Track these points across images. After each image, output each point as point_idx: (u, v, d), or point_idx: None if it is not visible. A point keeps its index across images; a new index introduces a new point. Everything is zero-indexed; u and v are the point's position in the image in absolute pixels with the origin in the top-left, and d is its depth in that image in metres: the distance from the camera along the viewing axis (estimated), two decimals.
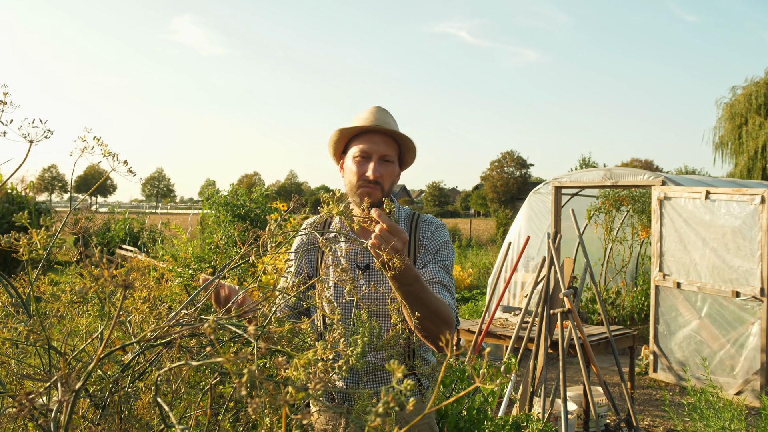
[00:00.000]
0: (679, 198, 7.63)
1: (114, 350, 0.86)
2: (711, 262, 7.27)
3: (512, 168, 61.48)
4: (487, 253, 19.78)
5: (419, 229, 2.32)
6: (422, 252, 2.27)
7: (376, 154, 2.23)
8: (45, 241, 0.92)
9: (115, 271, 1.04)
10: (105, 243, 11.89)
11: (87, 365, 1.04)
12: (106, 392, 1.10)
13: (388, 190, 2.26)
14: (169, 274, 3.91)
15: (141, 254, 8.77)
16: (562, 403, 5.07)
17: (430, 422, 2.32)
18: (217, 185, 11.07)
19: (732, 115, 27.16)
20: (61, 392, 0.82)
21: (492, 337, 6.75)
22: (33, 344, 0.98)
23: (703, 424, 4.59)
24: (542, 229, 9.43)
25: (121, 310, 0.92)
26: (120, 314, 0.77)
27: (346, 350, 1.02)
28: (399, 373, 0.75)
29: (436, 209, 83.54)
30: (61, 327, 1.12)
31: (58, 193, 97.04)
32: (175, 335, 1.09)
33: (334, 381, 2.21)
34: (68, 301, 1.01)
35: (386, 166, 2.24)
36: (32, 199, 10.87)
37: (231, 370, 0.66)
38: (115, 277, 0.79)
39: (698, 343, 7.39)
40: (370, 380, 2.23)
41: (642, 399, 7.16)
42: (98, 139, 1.04)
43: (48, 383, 0.93)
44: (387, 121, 2.27)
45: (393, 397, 0.77)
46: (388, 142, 2.26)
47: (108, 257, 0.84)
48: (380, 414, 0.74)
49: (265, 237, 1.21)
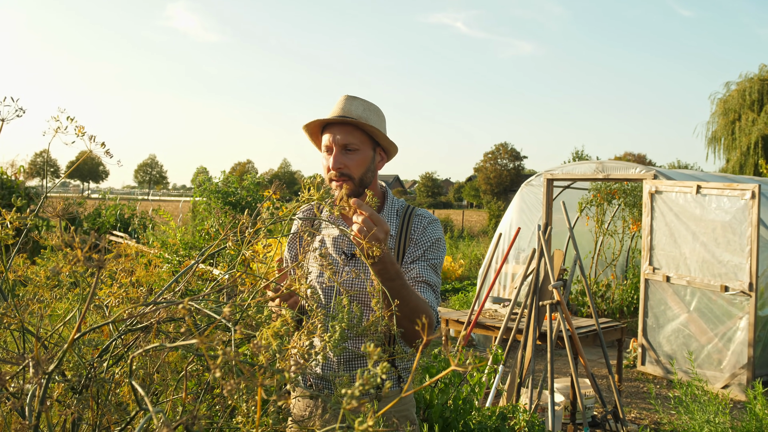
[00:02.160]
0: (670, 192, 7.64)
1: (86, 332, 0.85)
2: (701, 257, 7.30)
3: (506, 160, 61.53)
4: (479, 244, 19.81)
5: (412, 222, 2.29)
6: (412, 246, 2.25)
7: (336, 145, 2.19)
8: (17, 223, 0.91)
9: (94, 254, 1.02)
10: (95, 228, 11.83)
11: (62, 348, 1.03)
12: (83, 377, 1.09)
13: (361, 178, 2.21)
14: (157, 261, 3.89)
15: (131, 240, 8.74)
16: (550, 395, 5.09)
17: (408, 413, 2.30)
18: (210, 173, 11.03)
19: (725, 111, 27.21)
20: (32, 374, 0.81)
21: (481, 328, 6.76)
22: (7, 327, 0.96)
23: (689, 417, 4.62)
24: (534, 221, 9.44)
25: (95, 293, 0.91)
26: (93, 296, 0.76)
27: (323, 336, 1.01)
28: (375, 356, 0.74)
29: (429, 200, 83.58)
30: (37, 310, 1.11)
31: (50, 178, 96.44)
32: (153, 320, 1.07)
33: (312, 367, 2.21)
34: (43, 283, 1.00)
35: (350, 156, 2.19)
36: (22, 183, 10.80)
37: (205, 353, 0.65)
38: (89, 258, 0.78)
39: (686, 337, 7.43)
40: (347, 368, 2.22)
41: (630, 391, 7.19)
42: (72, 119, 1.02)
43: (21, 366, 0.91)
44: (350, 110, 2.22)
45: (368, 379, 0.76)
46: (349, 130, 2.20)
47: (86, 238, 0.82)
48: (356, 397, 0.73)
49: (244, 222, 1.20)
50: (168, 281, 1.34)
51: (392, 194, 2.42)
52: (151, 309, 1.06)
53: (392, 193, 2.45)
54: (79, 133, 1.18)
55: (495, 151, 62.12)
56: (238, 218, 1.32)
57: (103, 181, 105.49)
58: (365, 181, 2.23)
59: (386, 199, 2.35)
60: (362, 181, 2.21)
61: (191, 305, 0.86)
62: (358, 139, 2.20)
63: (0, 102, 0.97)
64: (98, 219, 12.27)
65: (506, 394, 5.56)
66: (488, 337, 8.55)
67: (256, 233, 1.16)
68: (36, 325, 0.99)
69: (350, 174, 2.18)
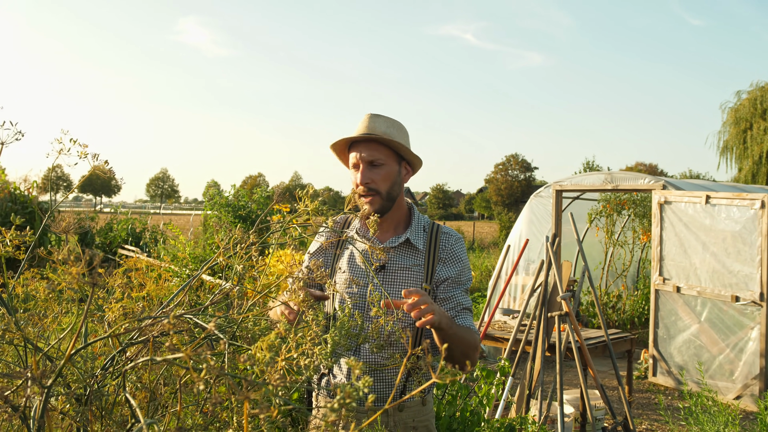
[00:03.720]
0: (679, 202, 7.62)
1: (82, 348, 0.88)
2: (711, 267, 7.27)
3: (516, 171, 61.50)
4: (489, 255, 19.78)
5: (439, 239, 2.39)
6: (442, 265, 2.36)
7: (362, 162, 2.29)
8: (17, 241, 0.94)
9: (101, 269, 1.05)
10: (107, 243, 11.92)
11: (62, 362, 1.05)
12: (86, 389, 1.12)
13: (388, 192, 2.31)
14: (166, 274, 3.93)
15: (142, 254, 8.80)
16: (559, 406, 5.08)
17: (429, 424, 2.36)
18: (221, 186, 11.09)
19: (737, 120, 27.09)
20: (31, 388, 0.83)
21: (490, 339, 6.76)
22: (9, 342, 0.99)
23: (698, 428, 4.59)
24: (543, 232, 9.43)
25: (91, 309, 0.94)
26: (88, 312, 0.79)
27: (313, 349, 1.04)
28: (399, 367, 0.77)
29: (440, 212, 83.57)
30: (42, 324, 1.14)
31: (63, 192, 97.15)
32: (150, 334, 1.10)
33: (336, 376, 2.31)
34: (43, 298, 1.03)
35: (376, 171, 2.29)
36: (35, 198, 10.90)
37: (190, 366, 0.67)
38: (84, 275, 0.81)
39: (698, 348, 7.38)
40: (372, 377, 2.28)
41: (641, 403, 7.16)
42: (75, 140, 1.05)
43: (21, 380, 0.94)
44: (375, 127, 2.32)
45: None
46: (374, 146, 2.31)
47: (78, 254, 0.85)
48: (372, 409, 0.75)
49: (243, 238, 1.23)
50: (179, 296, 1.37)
51: (417, 210, 2.51)
52: (149, 323, 1.09)
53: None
54: (81, 155, 1.21)
55: (506, 163, 62.12)
56: (238, 234, 1.35)
57: (115, 195, 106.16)
58: (392, 194, 2.33)
59: (413, 215, 2.45)
60: (389, 195, 2.32)
61: (183, 318, 0.89)
62: (383, 155, 2.30)
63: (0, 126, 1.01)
64: (110, 233, 12.35)
65: (516, 405, 5.55)
66: (498, 349, 8.53)
67: (261, 248, 1.18)
68: (38, 339, 1.02)
69: (377, 189, 2.28)
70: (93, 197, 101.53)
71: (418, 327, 1.92)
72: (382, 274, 2.32)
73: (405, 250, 2.36)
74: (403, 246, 2.36)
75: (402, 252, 2.36)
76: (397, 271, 2.33)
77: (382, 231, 2.40)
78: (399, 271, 2.33)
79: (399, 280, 2.32)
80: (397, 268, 2.33)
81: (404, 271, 2.33)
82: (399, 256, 2.35)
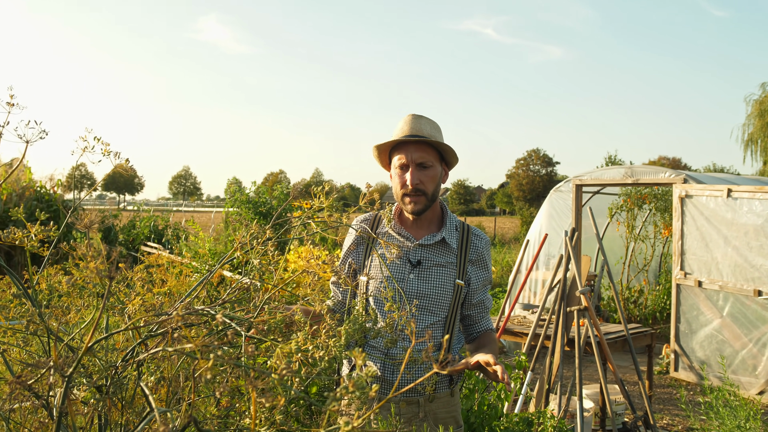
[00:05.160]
0: (700, 196, 7.57)
1: (102, 338, 0.92)
2: (733, 261, 7.21)
3: (538, 166, 61.24)
4: (510, 251, 19.73)
5: (470, 240, 2.50)
6: (473, 266, 2.47)
7: (412, 164, 2.37)
8: (42, 235, 0.98)
9: (121, 264, 1.09)
10: (130, 240, 12.08)
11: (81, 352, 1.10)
12: (107, 379, 1.16)
13: (433, 193, 2.41)
14: (187, 270, 4.01)
15: (164, 251, 8.92)
16: (578, 401, 5.08)
17: (456, 415, 2.46)
18: (243, 183, 11.21)
19: (762, 112, 26.76)
20: (53, 377, 0.88)
21: (509, 334, 6.76)
22: (33, 333, 1.04)
23: (719, 422, 4.57)
24: (563, 227, 9.40)
25: (112, 302, 0.98)
26: (105, 304, 0.83)
27: (328, 342, 1.07)
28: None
29: (461, 207, 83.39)
30: (65, 317, 1.18)
31: (87, 190, 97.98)
32: (170, 326, 1.14)
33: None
34: (65, 291, 1.07)
35: (425, 172, 2.38)
36: (60, 197, 11.07)
37: (199, 356, 0.71)
38: (102, 270, 0.84)
39: (720, 343, 7.33)
40: (407, 370, 2.36)
41: (662, 398, 7.13)
42: (98, 138, 1.09)
43: (44, 369, 0.99)
44: (420, 128, 2.40)
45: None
46: (424, 148, 2.39)
47: (97, 249, 0.89)
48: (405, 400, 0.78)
49: (267, 234, 1.26)
50: (196, 289, 1.41)
51: (448, 209, 2.60)
52: (167, 316, 1.13)
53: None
54: (105, 152, 1.26)
55: (527, 158, 61.87)
56: (254, 229, 1.39)
57: (138, 193, 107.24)
58: (435, 195, 2.44)
59: (446, 214, 2.55)
60: (433, 195, 2.42)
61: (199, 312, 0.92)
62: (431, 157, 2.40)
63: (26, 125, 1.05)
64: (133, 230, 12.51)
65: (535, 400, 5.56)
66: (518, 344, 8.53)
67: (278, 243, 1.22)
68: (59, 331, 1.06)
69: (425, 190, 2.38)
70: (116, 195, 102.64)
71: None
72: (417, 269, 2.41)
73: (439, 248, 2.45)
74: (438, 244, 2.45)
75: (436, 250, 2.45)
76: (432, 267, 2.42)
77: (417, 228, 2.49)
78: (434, 267, 2.42)
79: (433, 277, 2.40)
80: (432, 264, 2.42)
81: (438, 268, 2.42)
82: (433, 254, 2.44)
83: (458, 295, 2.41)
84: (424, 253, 2.42)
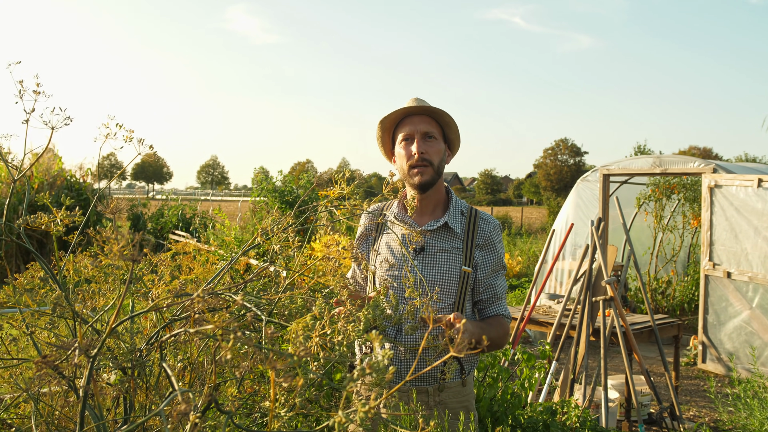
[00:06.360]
0: (730, 186, 7.45)
1: (126, 319, 0.94)
2: (763, 252, 7.10)
3: (566, 156, 60.71)
4: (537, 241, 19.63)
5: (477, 225, 2.45)
6: (480, 251, 2.42)
7: (417, 134, 2.37)
8: (67, 220, 1.01)
9: (145, 249, 1.11)
10: (158, 228, 12.23)
11: (112, 334, 1.12)
12: (131, 362, 1.19)
13: (438, 167, 2.39)
14: (213, 258, 4.06)
15: (192, 239, 9.02)
16: (603, 391, 5.06)
17: (469, 404, 2.42)
18: (270, 173, 11.29)
19: None
20: (79, 357, 0.90)
21: (534, 324, 6.74)
22: (60, 315, 1.06)
23: (747, 414, 4.53)
24: (590, 216, 9.33)
25: (137, 287, 1.00)
26: (129, 288, 0.85)
27: (346, 326, 1.08)
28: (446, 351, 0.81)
29: (488, 197, 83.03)
30: (89, 303, 1.21)
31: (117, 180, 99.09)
32: (192, 310, 1.16)
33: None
34: (91, 275, 1.09)
35: (431, 143, 2.38)
36: (89, 185, 11.24)
37: (218, 337, 0.72)
38: (125, 252, 0.86)
39: (749, 334, 7.24)
40: (414, 358, 2.33)
41: (689, 389, 7.06)
42: (121, 125, 1.11)
43: (70, 350, 1.01)
44: (424, 105, 2.40)
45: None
46: (428, 120, 2.40)
47: (125, 234, 0.91)
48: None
49: (288, 220, 1.28)
50: (224, 277, 1.44)
51: (454, 194, 2.57)
52: (189, 300, 1.15)
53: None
54: (127, 139, 1.28)
55: (555, 147, 61.36)
56: (276, 215, 1.41)
57: (167, 182, 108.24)
58: (440, 169, 2.42)
59: (450, 198, 2.51)
60: (439, 168, 2.40)
61: (221, 296, 0.94)
62: (435, 129, 2.41)
63: (51, 112, 1.08)
64: (161, 219, 12.67)
65: (559, 390, 5.54)
66: (543, 333, 8.50)
67: (299, 230, 1.23)
68: (85, 314, 1.09)
69: (431, 160, 2.37)
70: (145, 184, 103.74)
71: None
72: (421, 256, 2.38)
73: (443, 234, 2.41)
74: (442, 229, 2.42)
75: (440, 235, 2.41)
76: (436, 253, 2.38)
77: (420, 214, 2.45)
78: (438, 253, 2.38)
79: (438, 263, 2.37)
80: (436, 250, 2.39)
81: (443, 254, 2.38)
82: (437, 239, 2.40)
83: (465, 282, 2.37)
84: (428, 238, 2.39)
